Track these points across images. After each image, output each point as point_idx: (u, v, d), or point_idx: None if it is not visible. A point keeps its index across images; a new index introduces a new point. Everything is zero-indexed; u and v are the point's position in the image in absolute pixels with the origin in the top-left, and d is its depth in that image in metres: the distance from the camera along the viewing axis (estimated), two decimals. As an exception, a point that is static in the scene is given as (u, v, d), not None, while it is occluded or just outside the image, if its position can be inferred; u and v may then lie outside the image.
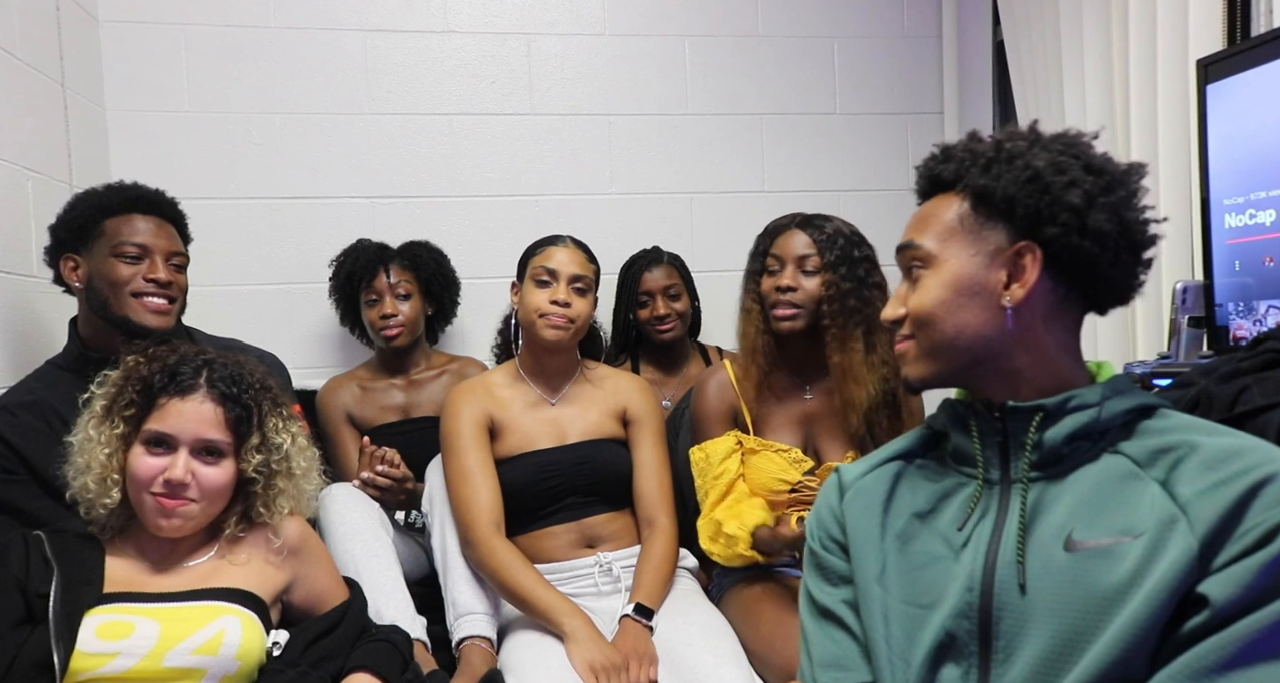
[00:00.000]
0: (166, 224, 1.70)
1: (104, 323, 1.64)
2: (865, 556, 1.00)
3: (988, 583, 0.90)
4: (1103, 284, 0.94)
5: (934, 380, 0.99)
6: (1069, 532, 0.87)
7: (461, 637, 1.66)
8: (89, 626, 1.21)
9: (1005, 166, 0.92)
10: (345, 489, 1.87)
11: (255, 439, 1.34)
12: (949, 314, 0.95)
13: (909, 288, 1.00)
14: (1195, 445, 0.85)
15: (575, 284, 1.79)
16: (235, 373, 1.35)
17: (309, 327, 2.52)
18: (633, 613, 1.64)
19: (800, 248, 1.73)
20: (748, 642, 1.63)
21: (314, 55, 2.51)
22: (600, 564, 1.77)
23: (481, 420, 1.80)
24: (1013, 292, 0.92)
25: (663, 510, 1.79)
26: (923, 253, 0.97)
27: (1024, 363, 0.94)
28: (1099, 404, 0.91)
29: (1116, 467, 0.88)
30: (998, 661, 0.88)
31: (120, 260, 1.63)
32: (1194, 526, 0.80)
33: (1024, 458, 0.92)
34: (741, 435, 1.78)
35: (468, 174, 2.61)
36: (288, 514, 1.39)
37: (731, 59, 2.74)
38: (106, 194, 1.67)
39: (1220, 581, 0.78)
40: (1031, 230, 0.91)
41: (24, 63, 1.95)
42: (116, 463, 1.29)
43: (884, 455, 1.07)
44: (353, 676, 1.32)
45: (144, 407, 1.30)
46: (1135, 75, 2.04)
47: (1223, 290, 1.63)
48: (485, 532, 1.70)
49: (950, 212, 0.96)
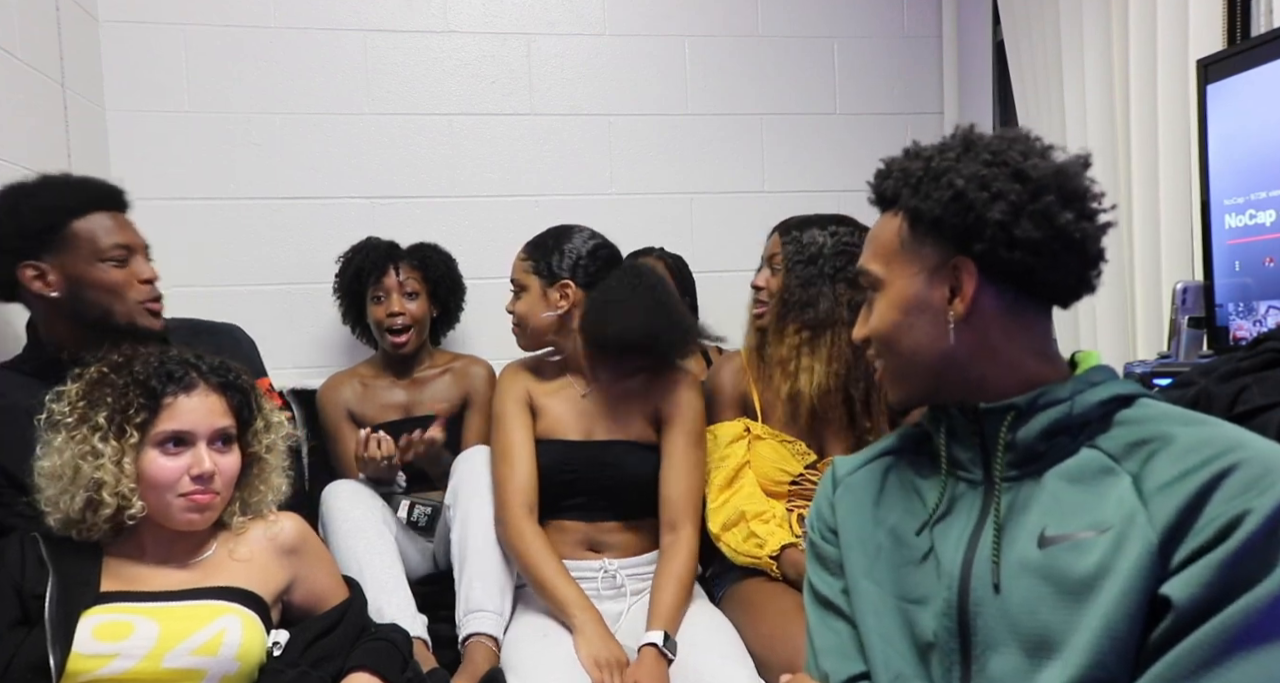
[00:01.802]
0: (126, 217, 1.63)
1: (84, 329, 1.55)
2: (855, 550, 1.01)
3: (964, 582, 0.90)
4: (1047, 287, 0.93)
5: (911, 401, 1.00)
6: (1042, 529, 0.87)
7: (469, 633, 1.66)
8: (86, 627, 1.20)
9: (932, 185, 0.92)
10: (347, 487, 1.87)
11: (260, 422, 1.37)
12: (902, 334, 0.96)
13: (867, 311, 1.01)
14: (1170, 438, 0.84)
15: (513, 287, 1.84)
16: (221, 363, 1.36)
17: (309, 327, 2.52)
18: (661, 645, 1.58)
19: (772, 247, 1.82)
20: (748, 641, 1.62)
21: (314, 55, 2.51)
22: (605, 571, 1.76)
23: (524, 398, 1.83)
24: (955, 306, 0.93)
25: (688, 518, 1.75)
26: (872, 277, 0.99)
27: (989, 371, 0.94)
28: (1069, 399, 0.90)
29: (1092, 462, 0.88)
30: (976, 657, 0.89)
31: (109, 265, 1.55)
32: (1153, 520, 0.80)
33: (998, 458, 0.92)
34: (750, 423, 1.80)
35: (468, 174, 2.61)
36: (277, 491, 1.41)
37: (731, 59, 2.74)
38: (61, 193, 1.56)
39: (1181, 582, 0.78)
40: (962, 246, 0.91)
41: (24, 63, 1.95)
42: (130, 472, 1.25)
43: (876, 451, 1.09)
44: (352, 675, 1.31)
45: (151, 410, 1.28)
46: (1135, 75, 2.03)
47: (1223, 290, 1.63)
48: (516, 513, 1.72)
49: (891, 232, 0.97)
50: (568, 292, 1.81)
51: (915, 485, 1.01)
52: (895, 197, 0.97)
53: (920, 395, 0.99)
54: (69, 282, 1.53)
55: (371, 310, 2.22)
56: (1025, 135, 0.94)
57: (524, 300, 1.83)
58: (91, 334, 1.55)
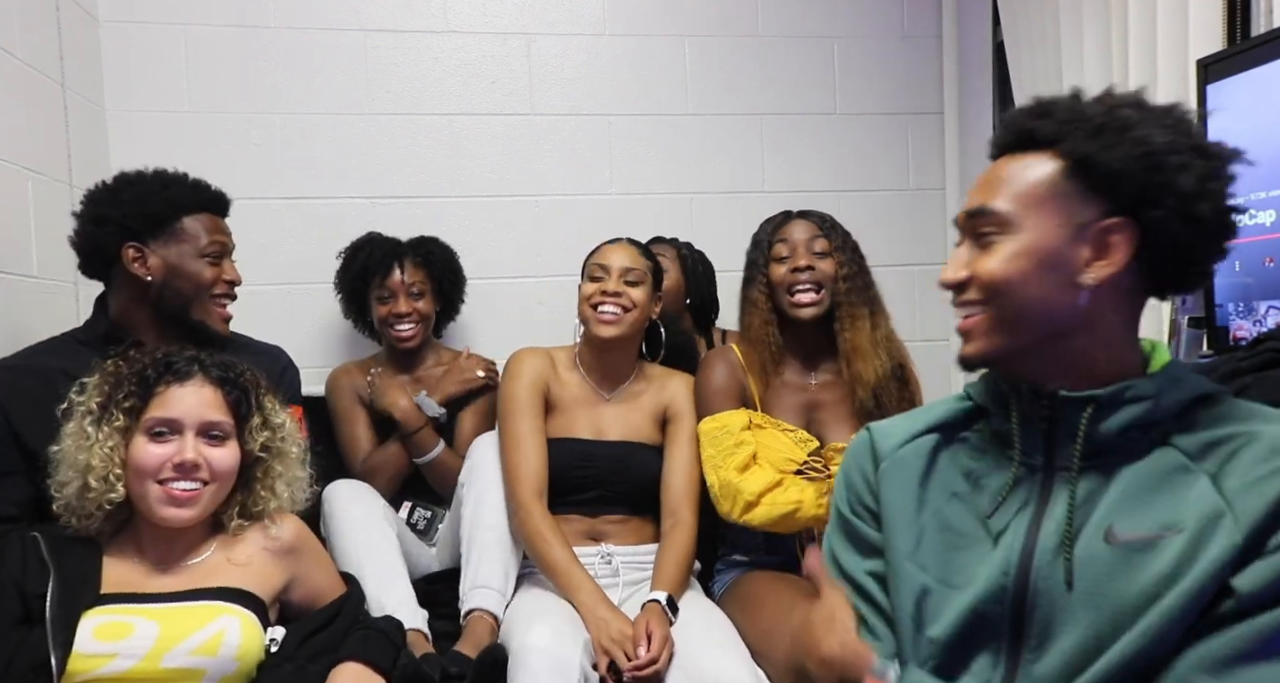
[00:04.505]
0: (225, 222, 1.75)
1: (162, 317, 1.64)
2: (899, 531, 0.96)
3: (1024, 570, 0.87)
4: (1185, 270, 0.90)
5: (995, 357, 0.92)
6: (1109, 525, 0.84)
7: (472, 607, 1.68)
8: (87, 627, 1.21)
9: (1116, 137, 0.85)
10: (349, 485, 1.89)
11: (257, 419, 1.36)
12: (1024, 285, 0.88)
13: (974, 251, 0.92)
14: (1254, 436, 0.81)
15: (627, 276, 1.84)
16: (226, 361, 1.38)
17: (309, 327, 2.52)
18: (664, 603, 1.64)
19: (808, 233, 1.84)
20: (748, 637, 1.63)
21: (314, 55, 2.51)
22: (602, 555, 1.79)
23: (541, 388, 1.85)
24: (1095, 269, 0.86)
25: (688, 506, 1.81)
26: (1000, 218, 0.89)
27: (1085, 345, 0.89)
28: (1155, 397, 0.86)
29: (1166, 461, 0.85)
30: (1029, 648, 0.86)
31: (206, 261, 1.65)
32: (1239, 520, 0.77)
33: (1074, 449, 0.88)
34: (751, 413, 1.81)
35: (468, 174, 2.61)
36: (285, 501, 1.40)
37: (731, 59, 2.74)
38: (180, 188, 1.67)
39: (1252, 571, 0.76)
40: (1133, 209, 0.85)
41: (24, 63, 1.95)
42: (118, 458, 1.28)
43: (922, 426, 1.02)
44: (342, 665, 1.32)
45: (142, 398, 1.30)
46: (1135, 75, 2.03)
47: (1223, 290, 1.63)
48: (528, 499, 1.75)
49: (1038, 174, 0.89)
50: (658, 306, 1.93)
51: (966, 467, 0.97)
52: (1056, 138, 0.89)
53: (1008, 354, 0.91)
54: (166, 269, 1.63)
55: (376, 308, 2.23)
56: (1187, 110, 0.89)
57: (641, 290, 1.86)
58: (165, 323, 1.65)
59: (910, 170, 2.83)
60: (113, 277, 1.66)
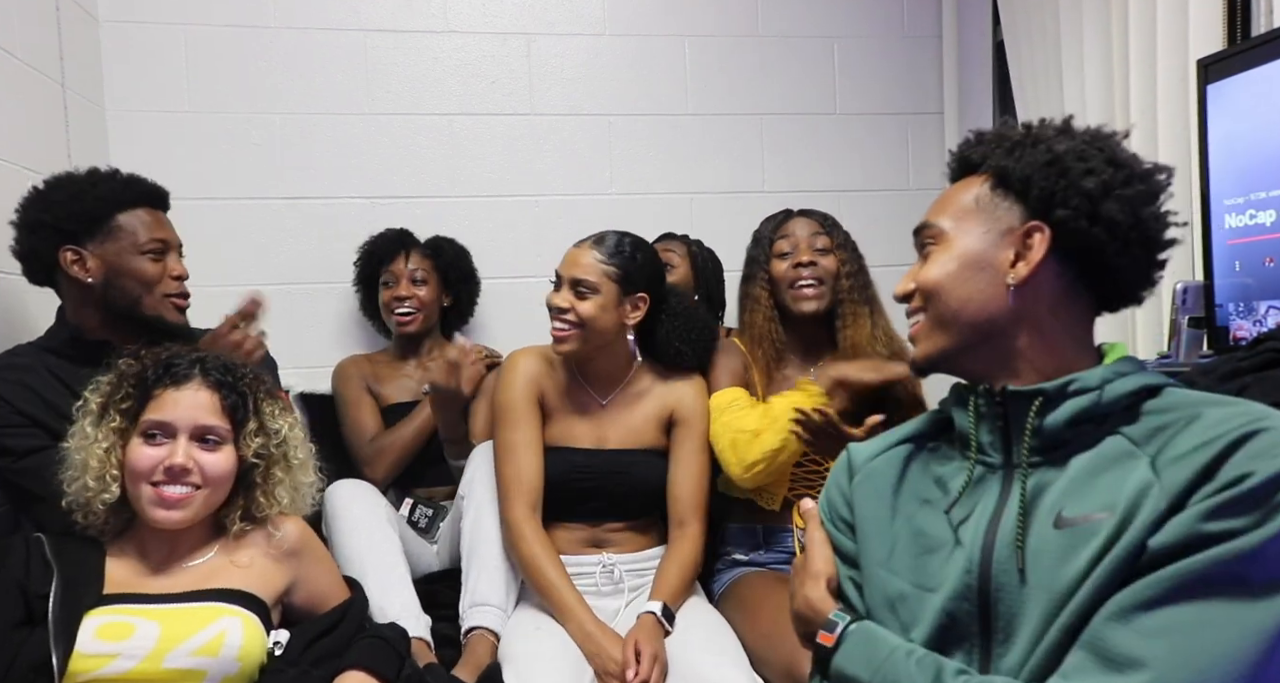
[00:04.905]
0: (165, 216, 1.70)
1: (113, 317, 1.62)
2: (872, 539, 1.00)
3: (985, 566, 0.90)
4: (1110, 275, 0.94)
5: (940, 358, 0.99)
6: (1059, 511, 0.87)
7: (472, 626, 1.66)
8: (88, 627, 1.21)
9: (1029, 149, 0.94)
10: (350, 485, 1.88)
11: (253, 425, 1.36)
12: (955, 285, 0.96)
13: (920, 265, 1.01)
14: (1195, 417, 0.83)
15: (577, 287, 1.71)
16: (228, 364, 1.38)
17: (309, 327, 2.52)
18: (659, 613, 1.62)
19: (810, 230, 1.87)
20: (746, 640, 1.63)
21: (314, 55, 2.51)
22: (604, 565, 1.77)
23: (535, 393, 1.80)
24: (1017, 269, 0.93)
25: (695, 516, 1.78)
26: (936, 231, 0.99)
27: (1025, 345, 0.94)
28: (1099, 388, 0.90)
29: (1114, 447, 0.87)
30: (998, 641, 0.89)
31: (147, 257, 1.61)
32: (1165, 489, 0.80)
33: (1024, 444, 0.92)
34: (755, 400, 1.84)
35: (468, 174, 2.61)
36: (287, 506, 1.40)
37: (731, 59, 2.74)
38: (111, 186, 1.64)
39: (1165, 530, 0.78)
40: (1044, 211, 0.92)
41: (24, 63, 1.95)
42: (115, 459, 1.29)
43: (895, 438, 1.07)
44: (346, 673, 1.31)
45: (140, 400, 1.31)
46: (1135, 75, 2.03)
47: (1223, 290, 1.63)
48: (520, 515, 1.71)
49: (970, 193, 0.99)
50: (641, 305, 1.76)
51: (936, 473, 1.01)
52: (983, 159, 0.99)
53: (952, 352, 0.98)
54: (106, 269, 1.60)
55: (381, 294, 2.29)
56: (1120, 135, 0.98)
57: (592, 303, 1.70)
58: (118, 323, 1.62)
59: (910, 170, 2.83)
60: (58, 282, 1.63)
